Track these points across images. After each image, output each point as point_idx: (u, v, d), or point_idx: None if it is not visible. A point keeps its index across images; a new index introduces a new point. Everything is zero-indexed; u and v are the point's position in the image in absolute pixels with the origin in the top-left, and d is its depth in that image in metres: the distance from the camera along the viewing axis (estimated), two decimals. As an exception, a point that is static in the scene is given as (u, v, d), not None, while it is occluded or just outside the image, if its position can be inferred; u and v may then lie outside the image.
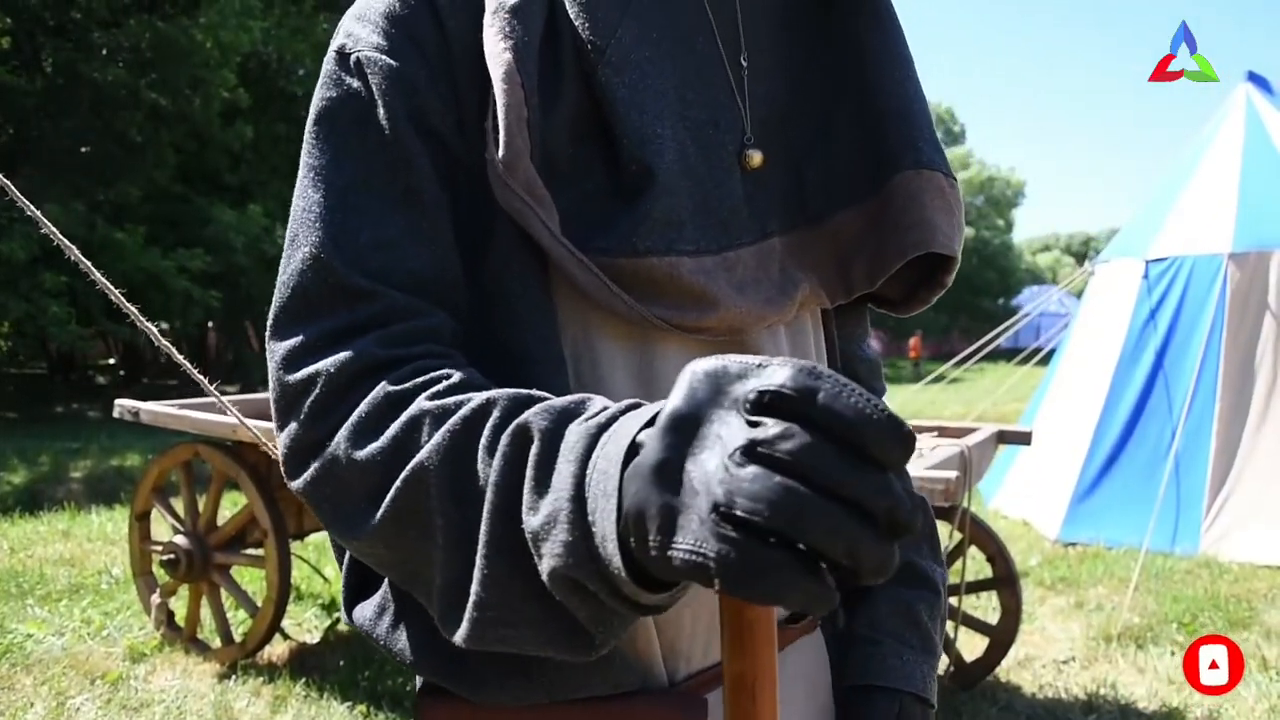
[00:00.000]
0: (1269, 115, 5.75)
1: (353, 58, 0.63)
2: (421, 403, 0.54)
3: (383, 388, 0.56)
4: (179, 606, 3.40)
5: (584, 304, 0.64)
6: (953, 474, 2.01)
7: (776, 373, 0.37)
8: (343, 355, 0.57)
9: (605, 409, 0.48)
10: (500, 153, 0.60)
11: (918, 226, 0.70)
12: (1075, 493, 5.40)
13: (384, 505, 0.53)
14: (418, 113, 0.63)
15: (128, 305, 1.49)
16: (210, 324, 16.81)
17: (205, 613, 3.33)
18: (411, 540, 0.53)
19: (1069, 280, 7.77)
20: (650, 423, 0.42)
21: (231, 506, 3.67)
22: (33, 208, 1.25)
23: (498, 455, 0.49)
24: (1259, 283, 5.21)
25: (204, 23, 11.30)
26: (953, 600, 3.09)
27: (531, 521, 0.46)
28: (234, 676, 3.12)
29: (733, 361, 0.39)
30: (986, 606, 3.50)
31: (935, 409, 11.85)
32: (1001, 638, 3.09)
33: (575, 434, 0.47)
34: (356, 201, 0.62)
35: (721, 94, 0.68)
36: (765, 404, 0.36)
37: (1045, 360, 6.77)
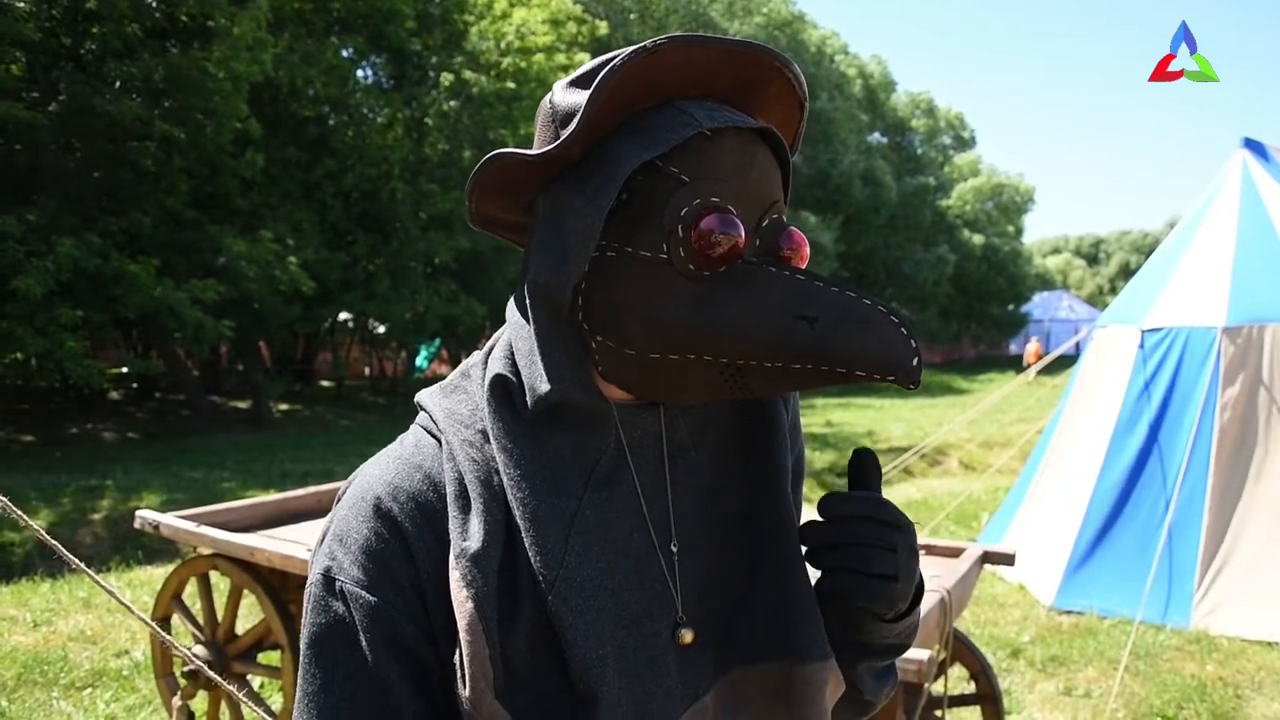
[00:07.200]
0: (1265, 184, 5.81)
1: (337, 585, 0.74)
2: None
3: None
4: (200, 703, 3.55)
5: None
6: (925, 655, 2.12)
7: None
8: None
9: None
10: (467, 692, 0.71)
11: (820, 717, 0.82)
12: (1071, 559, 5.49)
13: None
14: (395, 639, 0.73)
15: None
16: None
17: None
18: None
19: (1080, 335, 7.83)
20: None
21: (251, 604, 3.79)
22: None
23: None
24: (1252, 357, 5.28)
25: (217, 56, 11.43)
26: (937, 713, 3.21)
27: None
28: (251, 782, 3.27)
29: None
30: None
31: (945, 437, 11.88)
32: (985, 752, 3.21)
33: None
34: (346, 718, 0.74)
35: (655, 583, 0.77)
36: None
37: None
